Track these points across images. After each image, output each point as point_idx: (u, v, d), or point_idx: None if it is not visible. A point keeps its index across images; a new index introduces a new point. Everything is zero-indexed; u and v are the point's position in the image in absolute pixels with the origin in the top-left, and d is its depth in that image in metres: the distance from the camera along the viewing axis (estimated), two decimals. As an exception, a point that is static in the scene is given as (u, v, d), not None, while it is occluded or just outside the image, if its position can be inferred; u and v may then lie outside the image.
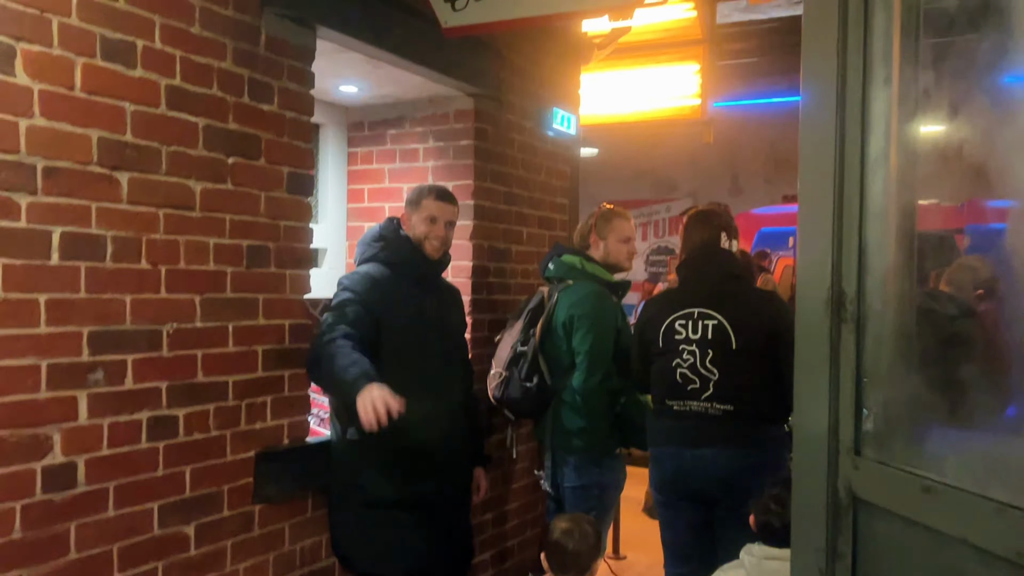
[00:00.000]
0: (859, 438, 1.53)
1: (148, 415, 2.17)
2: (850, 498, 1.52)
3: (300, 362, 2.63)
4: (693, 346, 2.79)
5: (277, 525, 2.57)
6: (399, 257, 2.79)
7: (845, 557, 1.54)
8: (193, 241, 2.28)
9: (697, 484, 2.79)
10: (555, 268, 3.29)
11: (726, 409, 2.73)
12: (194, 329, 2.29)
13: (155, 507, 2.20)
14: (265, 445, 2.50)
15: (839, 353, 1.56)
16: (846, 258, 1.55)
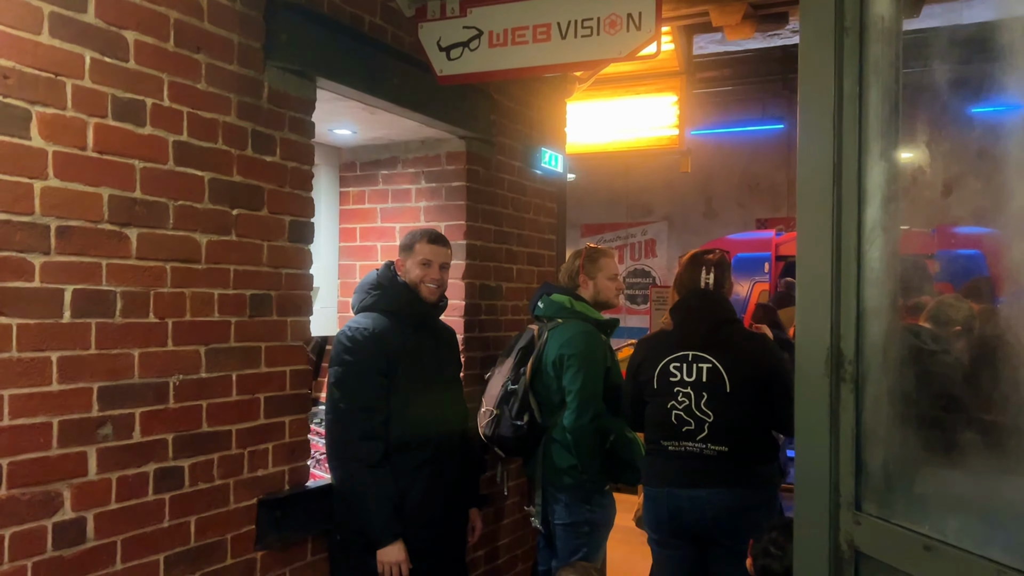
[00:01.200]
0: (860, 494, 1.58)
1: (155, 467, 2.19)
2: (852, 552, 1.58)
3: (301, 408, 2.66)
4: (688, 388, 2.86)
5: (278, 571, 2.58)
6: (397, 305, 2.84)
7: (848, 609, 1.59)
8: (199, 293, 2.31)
9: (692, 524, 2.84)
10: (544, 307, 3.34)
11: (721, 450, 2.79)
12: (199, 380, 2.31)
13: (161, 559, 2.21)
14: (267, 491, 2.52)
15: (839, 412, 1.62)
16: (844, 321, 1.62)
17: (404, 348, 2.80)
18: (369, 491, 2.65)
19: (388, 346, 2.76)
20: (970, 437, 1.53)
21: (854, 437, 1.60)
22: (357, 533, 2.70)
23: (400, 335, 2.81)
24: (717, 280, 2.96)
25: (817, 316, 1.66)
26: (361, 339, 2.74)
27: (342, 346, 2.75)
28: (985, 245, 1.75)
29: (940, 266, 4.84)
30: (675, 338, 2.97)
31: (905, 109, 1.53)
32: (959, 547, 1.36)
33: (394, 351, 2.77)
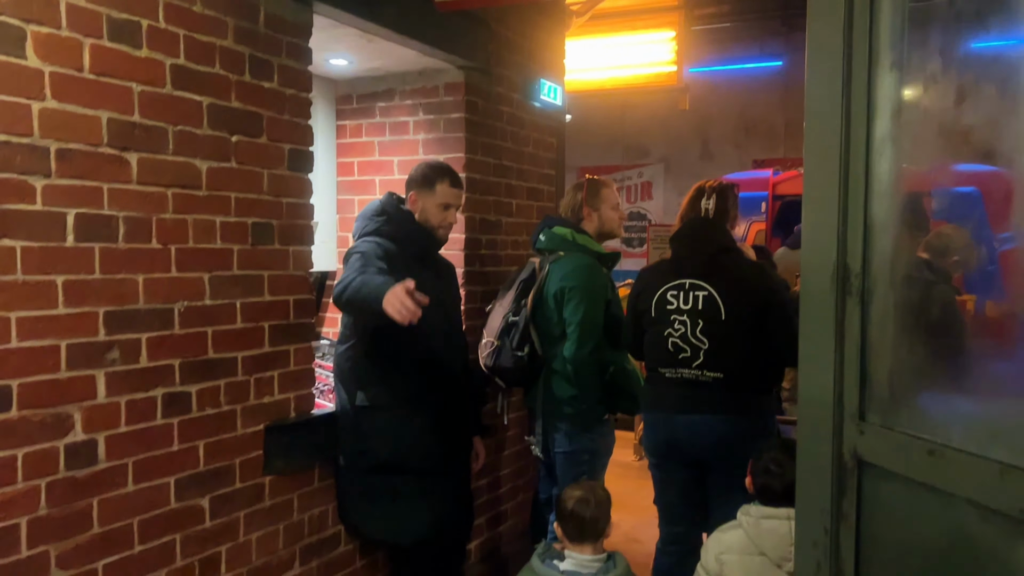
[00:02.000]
0: (864, 405, 1.61)
1: (163, 392, 2.20)
2: (855, 461, 1.61)
3: (305, 337, 2.67)
4: (684, 316, 2.87)
5: (286, 496, 2.62)
6: (402, 232, 2.81)
7: (849, 517, 1.63)
8: (200, 220, 2.30)
9: (688, 449, 2.88)
10: (546, 240, 3.33)
11: (716, 377, 2.82)
12: (203, 307, 2.32)
13: (171, 481, 2.24)
14: (273, 419, 2.55)
15: (844, 326, 1.63)
16: (851, 235, 1.62)
17: (406, 274, 2.78)
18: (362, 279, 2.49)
19: (391, 264, 2.72)
20: (976, 343, 1.55)
21: (859, 350, 1.61)
22: (360, 455, 2.74)
23: (403, 262, 2.79)
24: (718, 208, 2.95)
25: (824, 230, 1.66)
26: (367, 247, 2.70)
27: (353, 254, 2.70)
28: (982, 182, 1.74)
29: (937, 203, 4.86)
30: (673, 266, 2.98)
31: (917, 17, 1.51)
32: (963, 450, 1.38)
33: (396, 273, 2.74)
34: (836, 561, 1.66)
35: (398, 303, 2.27)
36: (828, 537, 1.67)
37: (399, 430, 2.73)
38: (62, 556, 1.97)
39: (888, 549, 1.57)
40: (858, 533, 1.62)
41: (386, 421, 2.73)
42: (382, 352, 2.75)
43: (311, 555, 2.73)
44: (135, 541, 2.15)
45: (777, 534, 2.28)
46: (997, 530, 1.31)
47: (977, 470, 1.34)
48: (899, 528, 1.55)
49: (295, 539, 2.66)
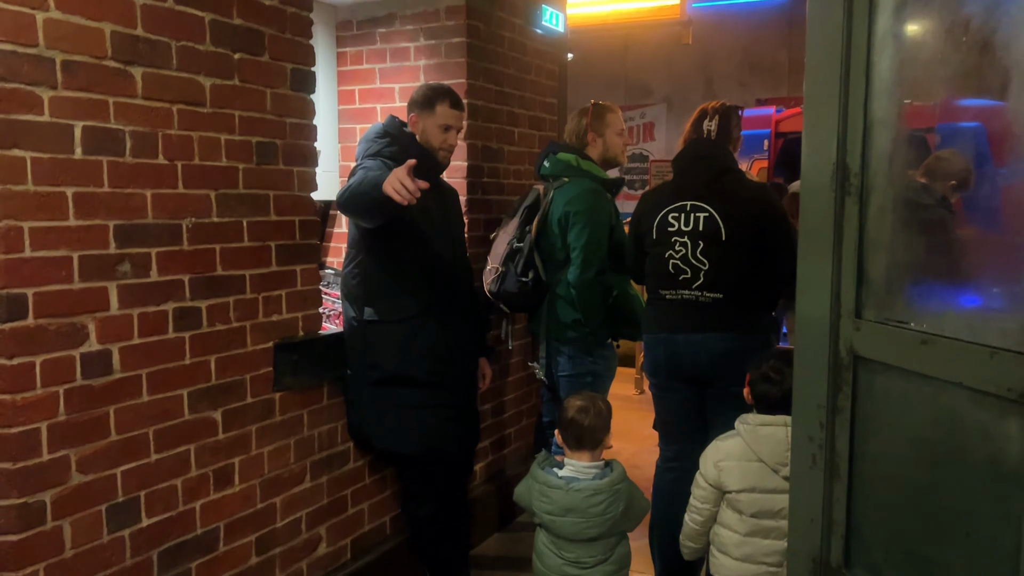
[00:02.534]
0: (860, 302, 1.64)
1: (173, 306, 2.25)
2: (851, 357, 1.65)
3: (311, 257, 2.71)
4: (685, 238, 2.89)
5: (296, 412, 2.69)
6: (406, 155, 2.82)
7: (845, 411, 1.68)
8: (206, 137, 2.32)
9: (688, 367, 2.93)
10: (550, 166, 3.34)
11: (716, 297, 2.85)
12: (211, 223, 2.35)
13: (184, 393, 2.30)
14: (282, 336, 2.60)
15: (842, 224, 1.66)
16: (851, 135, 1.64)
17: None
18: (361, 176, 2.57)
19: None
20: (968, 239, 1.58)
21: (857, 249, 1.65)
22: (368, 368, 2.80)
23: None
24: (721, 128, 2.95)
25: (824, 130, 1.68)
26: (373, 164, 2.72)
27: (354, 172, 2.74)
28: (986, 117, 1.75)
29: (941, 139, 4.87)
30: (674, 188, 2.99)
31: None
32: (955, 337, 1.42)
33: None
34: (831, 454, 1.72)
35: (397, 183, 2.31)
36: (824, 431, 1.72)
37: (406, 343, 2.79)
38: (82, 460, 2.04)
39: (881, 439, 1.63)
40: (852, 426, 1.68)
41: (393, 334, 2.78)
42: (390, 269, 2.80)
43: (322, 470, 2.81)
44: (151, 450, 2.22)
45: (774, 440, 2.34)
46: (986, 410, 1.36)
47: (968, 355, 1.38)
48: (892, 418, 1.60)
49: (306, 454, 2.74)
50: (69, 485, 2.02)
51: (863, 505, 1.68)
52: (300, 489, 2.72)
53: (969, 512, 1.42)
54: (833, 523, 1.73)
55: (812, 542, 1.76)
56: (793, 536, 1.84)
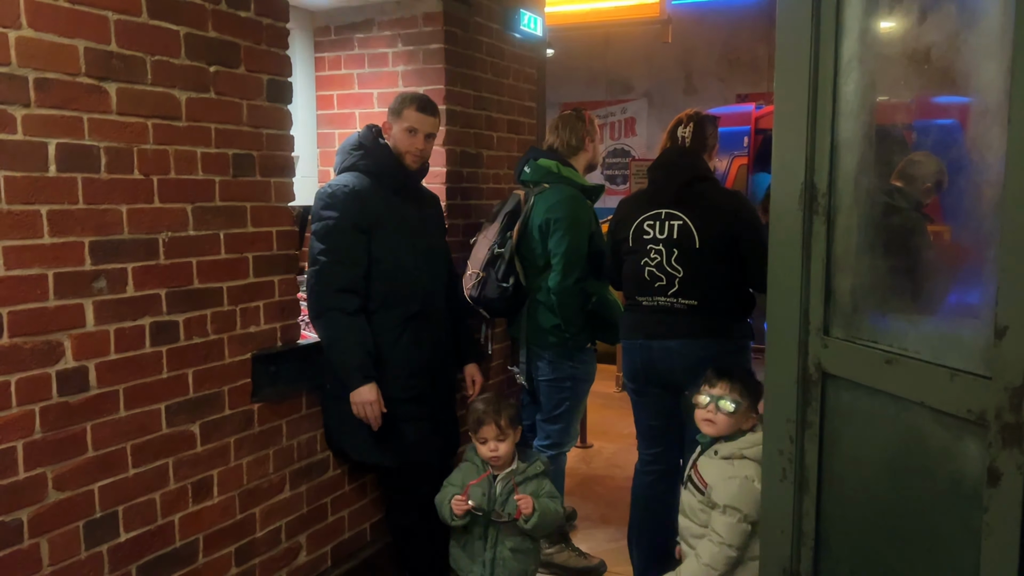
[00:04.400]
0: (828, 320, 1.68)
1: (150, 321, 2.25)
2: (819, 373, 1.69)
3: (289, 268, 2.72)
4: (660, 245, 2.93)
5: (275, 422, 2.70)
6: (378, 167, 2.85)
7: (814, 425, 1.72)
8: (181, 151, 2.32)
9: (664, 373, 2.97)
10: (531, 172, 3.37)
11: (690, 304, 2.89)
12: (187, 237, 2.35)
13: (162, 407, 2.31)
14: (260, 347, 2.61)
15: (810, 243, 1.70)
16: (819, 155, 1.67)
17: (385, 209, 2.83)
18: (344, 336, 2.73)
19: (368, 204, 2.79)
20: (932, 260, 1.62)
21: (824, 267, 1.68)
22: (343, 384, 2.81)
23: (381, 196, 2.83)
24: (695, 135, 2.98)
25: (792, 151, 1.71)
26: (341, 195, 2.77)
27: (322, 202, 2.79)
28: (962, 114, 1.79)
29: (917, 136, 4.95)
30: (650, 196, 3.02)
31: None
32: (918, 358, 1.46)
33: (374, 210, 2.80)
34: (800, 467, 1.76)
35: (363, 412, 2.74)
36: (794, 445, 1.76)
37: (381, 361, 2.80)
38: (58, 478, 2.04)
39: (849, 454, 1.67)
40: (821, 441, 1.72)
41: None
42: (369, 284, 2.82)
43: (301, 479, 2.82)
44: (129, 464, 2.22)
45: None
46: (947, 430, 1.40)
47: (930, 376, 1.42)
48: (859, 434, 1.64)
49: (285, 463, 2.75)
50: (46, 503, 2.02)
51: (832, 518, 1.72)
52: (279, 499, 2.74)
53: (931, 528, 1.47)
54: (803, 535, 1.77)
55: (782, 553, 1.81)
56: (764, 546, 1.88)
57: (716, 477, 2.48)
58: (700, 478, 2.53)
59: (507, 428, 2.64)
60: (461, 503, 2.59)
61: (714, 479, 2.48)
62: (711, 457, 2.55)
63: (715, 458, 2.53)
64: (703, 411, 2.54)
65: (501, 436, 2.62)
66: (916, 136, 2.41)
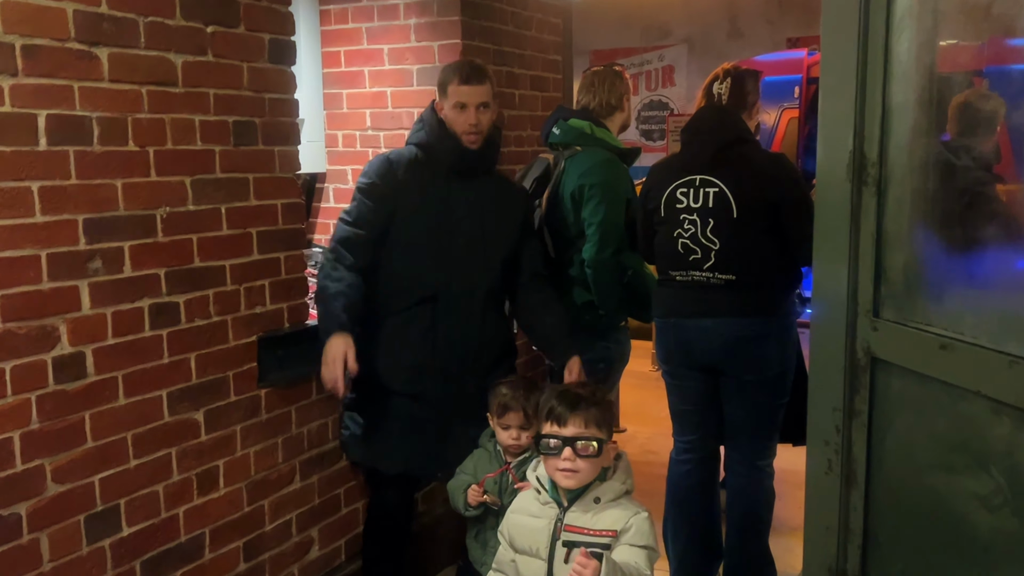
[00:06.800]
0: (878, 300, 1.70)
1: (149, 302, 2.31)
2: (868, 358, 1.72)
3: (295, 243, 2.77)
4: (694, 215, 2.93)
5: (283, 409, 2.77)
6: (430, 142, 2.84)
7: (862, 414, 1.75)
8: (178, 120, 2.36)
9: (700, 354, 3.00)
10: (561, 133, 3.35)
11: (728, 279, 2.90)
12: (187, 212, 2.40)
13: (164, 394, 2.37)
14: (266, 329, 2.67)
15: (859, 217, 1.72)
16: (869, 121, 1.68)
17: (419, 185, 2.81)
18: (330, 283, 2.74)
19: (398, 176, 2.79)
20: (999, 228, 1.62)
21: (875, 244, 1.70)
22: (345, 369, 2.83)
23: (427, 175, 2.82)
24: (733, 92, 2.97)
25: (840, 118, 1.72)
26: (376, 162, 2.86)
27: (366, 167, 2.89)
28: None
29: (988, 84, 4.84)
30: (682, 161, 3.02)
31: None
32: (974, 343, 1.48)
33: (404, 184, 2.79)
34: (848, 459, 1.79)
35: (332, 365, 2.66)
36: (840, 436, 1.79)
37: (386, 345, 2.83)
38: (57, 470, 2.12)
39: (899, 445, 1.69)
40: (870, 431, 1.74)
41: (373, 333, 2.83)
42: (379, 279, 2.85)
43: (312, 468, 2.90)
44: (130, 455, 2.30)
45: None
46: (1005, 421, 1.42)
47: (988, 362, 1.44)
48: (910, 424, 1.66)
49: (295, 453, 2.82)
50: (45, 496, 2.10)
51: (881, 514, 1.75)
52: (289, 490, 2.82)
53: (989, 526, 1.49)
54: (850, 532, 1.80)
55: (828, 551, 1.84)
56: (808, 545, 1.91)
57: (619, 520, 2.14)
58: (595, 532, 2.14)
59: (534, 417, 2.68)
60: (477, 494, 2.64)
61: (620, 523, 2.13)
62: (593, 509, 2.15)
63: (599, 506, 2.16)
64: (557, 460, 2.12)
65: (526, 424, 2.66)
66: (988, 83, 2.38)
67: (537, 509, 2.23)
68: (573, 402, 2.17)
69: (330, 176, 3.90)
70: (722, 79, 2.99)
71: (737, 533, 3.14)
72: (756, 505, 3.10)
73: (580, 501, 2.16)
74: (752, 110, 3.05)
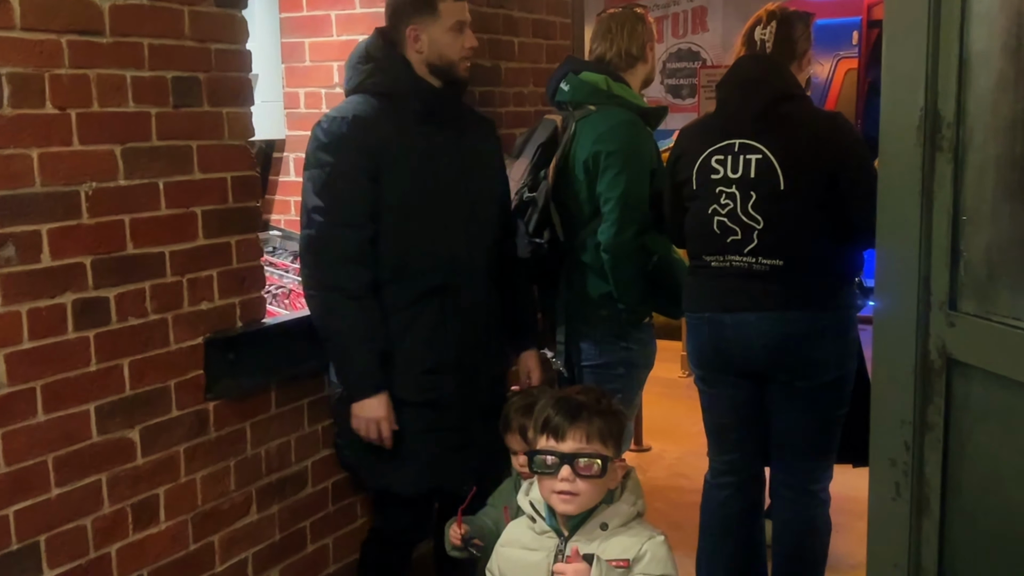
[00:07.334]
0: (955, 289, 1.69)
1: (73, 298, 2.30)
2: (944, 360, 1.70)
3: (249, 225, 2.76)
4: (733, 188, 2.91)
5: (236, 425, 2.76)
6: (394, 87, 2.80)
7: (936, 428, 1.73)
8: (106, 76, 2.34)
9: (741, 356, 2.99)
10: (571, 90, 3.33)
11: (774, 264, 2.88)
12: (117, 188, 2.39)
13: (91, 409, 2.37)
14: (215, 329, 2.66)
15: (932, 189, 1.70)
16: (943, 73, 1.66)
17: (400, 142, 2.78)
18: (346, 329, 2.73)
19: (375, 140, 2.74)
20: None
21: (951, 220, 1.68)
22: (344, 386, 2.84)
23: (398, 126, 2.78)
24: (778, 39, 2.94)
25: (907, 69, 1.71)
26: (339, 132, 2.73)
27: (317, 142, 2.75)
28: None
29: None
30: (718, 123, 3.01)
31: None
32: (1074, 341, 1.46)
33: (384, 146, 2.75)
34: (919, 482, 1.78)
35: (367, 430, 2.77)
36: (910, 453, 1.78)
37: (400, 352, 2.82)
38: (-37, 501, 2.12)
39: (982, 464, 1.68)
40: (946, 448, 1.73)
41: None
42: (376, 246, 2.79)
43: (271, 497, 2.89)
44: (51, 483, 2.29)
45: None
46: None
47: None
48: (996, 439, 1.65)
49: (250, 478, 2.82)
50: (-51, 532, 2.10)
51: (959, 547, 1.74)
52: (245, 523, 2.81)
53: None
54: (922, 570, 1.80)
55: (895, 594, 1.83)
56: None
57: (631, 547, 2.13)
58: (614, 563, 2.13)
59: None
60: (455, 534, 2.54)
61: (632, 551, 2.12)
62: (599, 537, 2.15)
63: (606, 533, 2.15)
64: (553, 480, 2.11)
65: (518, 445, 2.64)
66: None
67: (532, 540, 2.23)
68: (573, 412, 2.16)
69: (290, 143, 3.88)
70: (766, 23, 2.97)
71: (785, 573, 3.13)
72: (808, 538, 3.10)
73: (584, 529, 2.16)
74: (802, 60, 3.03)
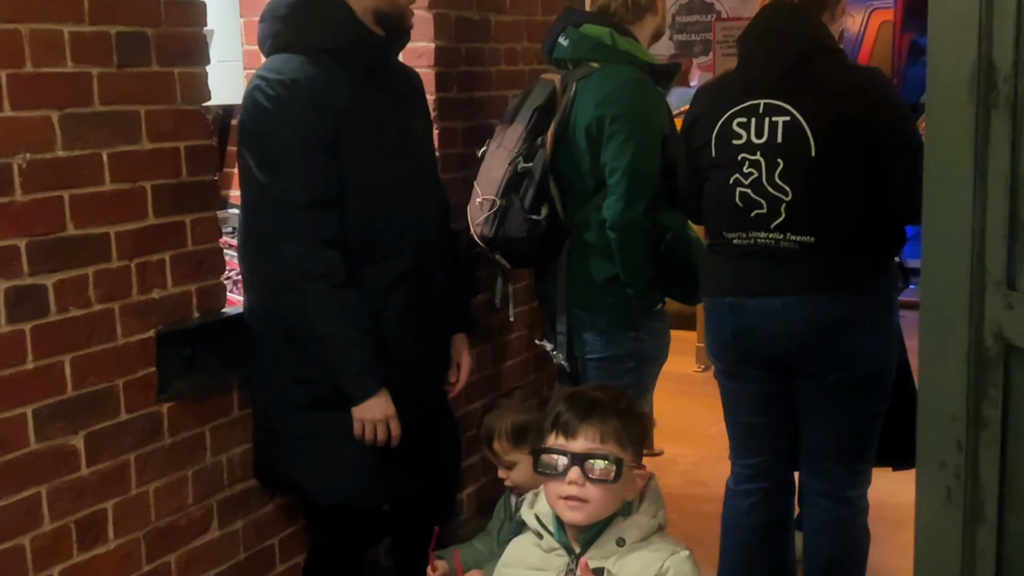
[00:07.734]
0: (1013, 267, 1.69)
1: (6, 285, 2.30)
2: (1001, 346, 1.71)
3: (205, 202, 2.76)
4: (757, 154, 2.91)
5: (194, 430, 2.77)
6: (336, 39, 2.77)
7: (992, 424, 1.74)
8: (41, 32, 2.34)
9: (767, 346, 2.99)
10: (571, 45, 3.34)
11: (804, 241, 2.89)
12: (55, 160, 2.39)
13: (28, 412, 2.36)
14: (168, 321, 2.66)
15: (987, 153, 1.70)
16: (999, 18, 1.66)
17: (353, 106, 2.77)
18: (337, 322, 2.68)
19: (329, 101, 2.71)
20: None
21: (1008, 187, 1.68)
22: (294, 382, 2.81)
23: (348, 87, 2.77)
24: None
25: (959, 15, 1.70)
26: (288, 95, 2.67)
27: (259, 108, 2.69)
28: None
29: None
30: (741, 81, 3.00)
31: None
32: None
33: (338, 110, 2.73)
34: (974, 486, 1.78)
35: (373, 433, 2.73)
36: (963, 454, 1.78)
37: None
38: None
39: (1045, 465, 1.69)
40: (1004, 447, 1.73)
41: None
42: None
43: (234, 512, 2.90)
44: (-17, 496, 2.30)
45: None
46: None
47: None
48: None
49: (210, 490, 2.82)
50: None
51: (1020, 559, 1.75)
52: (204, 541, 2.82)
53: None
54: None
55: (948, 611, 1.84)
56: (922, 602, 1.91)
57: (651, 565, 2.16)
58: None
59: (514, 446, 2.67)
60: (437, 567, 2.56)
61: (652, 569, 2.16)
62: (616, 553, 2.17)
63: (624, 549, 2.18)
64: (559, 485, 2.14)
65: (510, 454, 2.65)
66: None
67: (539, 559, 2.23)
68: (586, 408, 2.17)
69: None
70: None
71: (818, 590, 3.15)
72: (844, 550, 3.11)
73: (597, 544, 2.17)
74: (835, 9, 3.03)
